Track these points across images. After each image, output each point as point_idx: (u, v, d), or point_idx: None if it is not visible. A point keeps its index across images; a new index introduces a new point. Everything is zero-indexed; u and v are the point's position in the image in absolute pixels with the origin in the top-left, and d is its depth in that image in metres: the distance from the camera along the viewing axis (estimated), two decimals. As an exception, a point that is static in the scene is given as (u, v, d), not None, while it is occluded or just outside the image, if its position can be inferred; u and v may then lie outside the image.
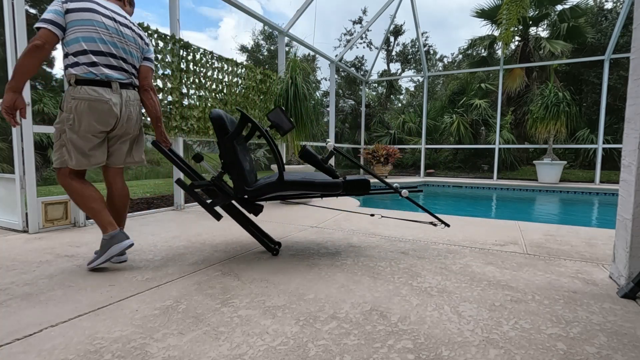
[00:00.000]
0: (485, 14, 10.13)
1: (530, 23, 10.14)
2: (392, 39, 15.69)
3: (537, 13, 10.02)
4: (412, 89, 17.00)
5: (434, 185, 7.81)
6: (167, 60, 3.58)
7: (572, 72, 10.40)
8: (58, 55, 12.39)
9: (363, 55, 15.93)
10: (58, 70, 12.10)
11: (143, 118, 2.10)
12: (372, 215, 2.53)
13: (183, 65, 3.75)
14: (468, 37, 13.90)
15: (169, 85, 3.61)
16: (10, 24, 2.49)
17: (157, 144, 2.07)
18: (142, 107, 2.03)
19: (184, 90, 3.80)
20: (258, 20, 5.16)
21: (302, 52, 11.32)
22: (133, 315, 1.30)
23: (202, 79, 4.01)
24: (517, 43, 10.39)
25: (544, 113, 7.24)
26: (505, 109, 10.25)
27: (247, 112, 4.73)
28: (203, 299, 1.44)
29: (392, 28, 14.41)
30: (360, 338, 1.15)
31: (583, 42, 9.59)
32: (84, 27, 1.71)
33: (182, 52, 3.74)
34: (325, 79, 15.54)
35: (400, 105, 15.94)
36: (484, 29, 15.01)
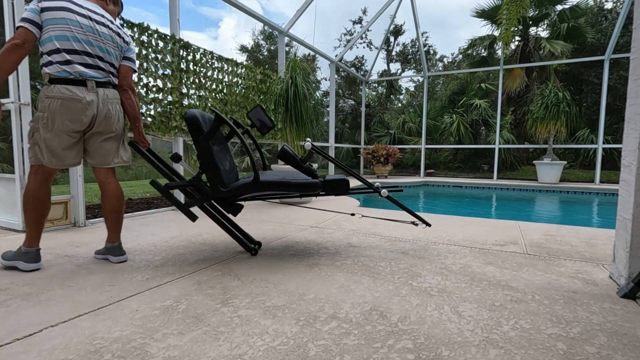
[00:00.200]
0: (485, 14, 10.13)
1: (530, 23, 10.14)
2: (392, 39, 15.69)
3: (537, 13, 10.02)
4: (412, 89, 17.01)
5: (434, 185, 7.81)
6: (167, 60, 3.58)
7: (572, 72, 10.40)
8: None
9: (363, 55, 15.94)
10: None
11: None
12: (352, 215, 2.53)
13: (183, 65, 3.75)
14: (468, 37, 13.91)
15: (169, 85, 3.62)
16: (10, 24, 2.49)
17: (135, 145, 2.05)
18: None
19: (184, 90, 3.80)
20: (258, 20, 5.16)
21: (302, 52, 11.31)
22: (133, 315, 1.30)
23: (202, 79, 4.01)
24: (517, 43, 10.39)
25: (544, 113, 7.25)
26: (505, 109, 10.25)
27: (247, 111, 4.74)
28: (203, 299, 1.44)
29: (392, 28, 14.41)
30: (360, 338, 1.15)
31: (583, 42, 9.59)
32: (57, 25, 1.70)
33: (182, 52, 3.74)
34: (325, 79, 15.54)
35: (400, 105, 15.94)
36: (484, 29, 15.04)
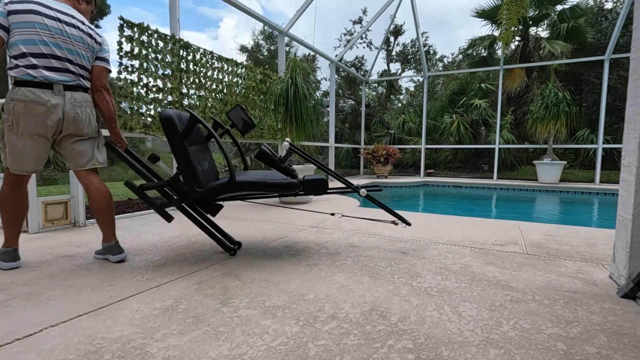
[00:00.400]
0: (485, 14, 10.13)
1: (530, 23, 10.14)
2: (392, 39, 15.68)
3: (537, 13, 10.02)
4: (412, 89, 17.00)
5: (434, 185, 7.81)
6: (167, 60, 3.58)
7: (572, 72, 10.40)
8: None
9: (363, 55, 15.93)
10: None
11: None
12: (332, 215, 2.54)
13: (183, 65, 3.75)
14: (468, 37, 13.90)
15: (169, 85, 3.62)
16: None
17: (111, 145, 2.05)
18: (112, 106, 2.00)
19: (184, 90, 3.80)
20: (258, 20, 5.16)
21: (302, 52, 11.31)
22: (133, 315, 1.30)
23: (202, 79, 4.01)
24: (517, 43, 10.39)
25: (544, 113, 7.24)
26: (505, 109, 10.25)
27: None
28: (203, 299, 1.44)
29: (392, 28, 14.41)
30: (360, 338, 1.15)
31: (583, 42, 9.59)
32: (24, 29, 1.69)
33: (182, 52, 3.74)
34: (325, 79, 15.53)
35: (400, 105, 15.93)
36: (484, 29, 15.04)
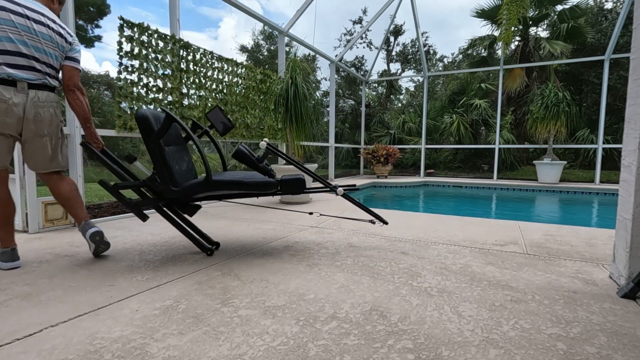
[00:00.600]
0: (485, 14, 10.12)
1: (530, 23, 10.14)
2: (392, 39, 15.68)
3: (537, 13, 10.02)
4: (412, 89, 17.00)
5: (434, 185, 7.81)
6: (167, 60, 3.58)
7: (572, 72, 10.39)
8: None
9: (363, 55, 15.93)
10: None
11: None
12: (310, 214, 2.54)
13: (183, 65, 3.75)
14: (468, 37, 13.90)
15: (169, 85, 3.62)
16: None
17: (86, 145, 2.03)
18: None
19: (184, 90, 3.80)
20: (258, 20, 5.16)
21: (302, 52, 11.31)
22: (133, 315, 1.30)
23: (202, 79, 4.01)
24: (517, 43, 10.39)
25: (544, 113, 7.24)
26: (505, 109, 10.25)
27: (247, 111, 4.74)
28: (203, 299, 1.44)
29: (392, 28, 14.40)
30: (360, 338, 1.15)
31: (583, 42, 9.58)
32: None
33: (182, 52, 3.74)
34: (325, 79, 15.54)
35: (400, 105, 15.93)
36: (484, 29, 15.02)
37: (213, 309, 1.35)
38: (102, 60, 35.85)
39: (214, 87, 4.19)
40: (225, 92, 4.37)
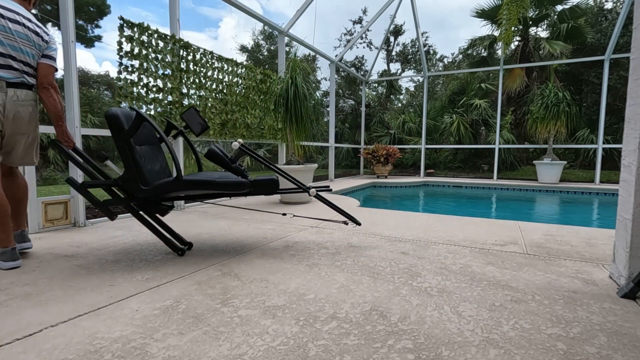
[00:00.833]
0: (485, 14, 10.12)
1: (530, 23, 10.14)
2: (392, 39, 15.69)
3: (537, 13, 10.02)
4: (412, 89, 17.01)
5: (434, 185, 7.81)
6: (167, 60, 3.58)
7: (572, 72, 10.39)
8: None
9: (363, 55, 15.95)
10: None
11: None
12: (283, 215, 2.54)
13: (183, 65, 3.75)
14: (468, 37, 13.90)
15: (169, 85, 3.62)
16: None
17: (57, 143, 2.02)
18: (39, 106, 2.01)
19: (184, 90, 3.80)
20: (258, 20, 5.16)
21: (302, 52, 11.32)
22: (133, 315, 1.30)
23: (202, 79, 4.01)
24: (517, 43, 10.39)
25: (544, 113, 7.24)
26: (505, 109, 10.25)
27: (247, 111, 4.74)
28: (203, 299, 1.44)
29: (392, 28, 14.41)
30: (360, 338, 1.15)
31: (583, 42, 9.58)
32: None
33: (182, 52, 3.74)
34: (325, 79, 15.55)
35: (400, 105, 15.94)
36: (484, 29, 15.00)
37: (213, 309, 1.35)
38: (102, 60, 35.96)
39: (214, 87, 4.19)
40: (226, 92, 4.37)
